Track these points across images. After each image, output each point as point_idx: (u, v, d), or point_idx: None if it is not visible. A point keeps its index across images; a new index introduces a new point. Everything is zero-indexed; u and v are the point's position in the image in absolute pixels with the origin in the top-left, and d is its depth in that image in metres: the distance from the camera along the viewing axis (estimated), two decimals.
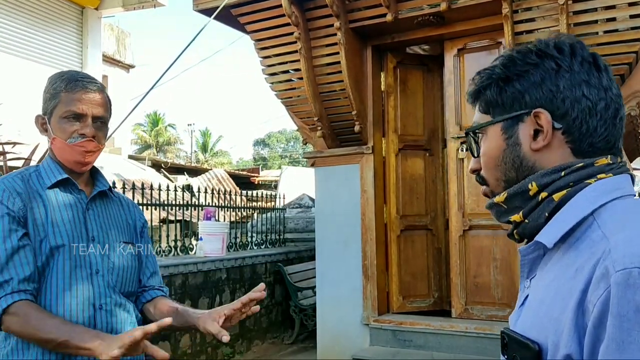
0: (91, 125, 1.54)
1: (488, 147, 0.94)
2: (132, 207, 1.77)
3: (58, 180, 1.56)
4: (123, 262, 1.61)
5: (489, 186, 0.97)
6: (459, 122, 4.90)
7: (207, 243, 5.71)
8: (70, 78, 1.56)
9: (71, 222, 1.54)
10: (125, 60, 13.35)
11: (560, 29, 4.05)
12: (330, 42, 4.76)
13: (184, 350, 5.20)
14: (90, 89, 1.56)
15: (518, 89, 0.90)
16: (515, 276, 4.55)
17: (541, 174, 0.87)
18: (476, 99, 0.98)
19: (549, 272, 0.84)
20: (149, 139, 33.81)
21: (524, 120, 0.90)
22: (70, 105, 1.53)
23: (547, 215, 0.86)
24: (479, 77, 0.96)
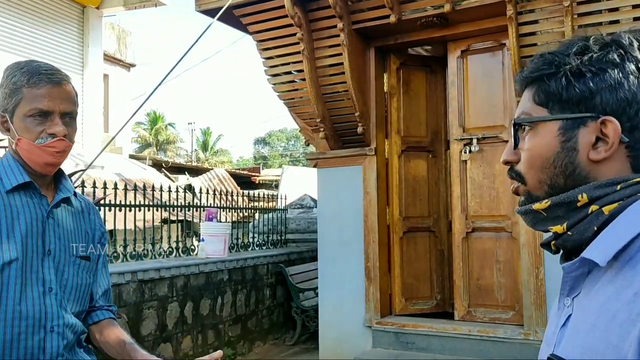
0: (60, 123, 1.39)
1: (537, 144, 0.83)
2: (92, 215, 1.61)
3: (20, 183, 1.40)
4: (78, 280, 1.47)
5: (525, 185, 0.86)
6: (462, 124, 4.88)
7: (208, 244, 5.69)
8: (32, 71, 1.39)
9: (28, 233, 1.39)
10: (126, 59, 13.32)
11: (565, 31, 4.03)
12: (333, 43, 4.74)
13: (186, 351, 5.18)
14: (55, 83, 1.40)
15: (590, 88, 0.79)
16: (518, 278, 4.54)
17: (594, 186, 0.78)
18: (530, 85, 0.86)
19: (600, 294, 0.75)
20: (149, 137, 33.79)
21: (587, 124, 0.79)
22: (36, 102, 1.37)
23: (595, 230, 0.77)
24: (542, 60, 0.85)
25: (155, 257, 5.35)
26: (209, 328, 5.52)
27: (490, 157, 4.75)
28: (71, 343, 1.44)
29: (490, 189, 4.75)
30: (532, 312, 4.34)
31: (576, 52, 0.81)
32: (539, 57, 0.86)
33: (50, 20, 9.60)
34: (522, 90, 0.89)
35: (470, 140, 4.81)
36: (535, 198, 0.85)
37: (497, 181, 4.72)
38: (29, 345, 1.36)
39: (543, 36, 4.22)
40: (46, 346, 1.37)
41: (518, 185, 0.87)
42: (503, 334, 4.41)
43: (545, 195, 0.83)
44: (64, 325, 1.41)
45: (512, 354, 4.34)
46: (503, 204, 4.69)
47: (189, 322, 5.24)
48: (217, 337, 5.63)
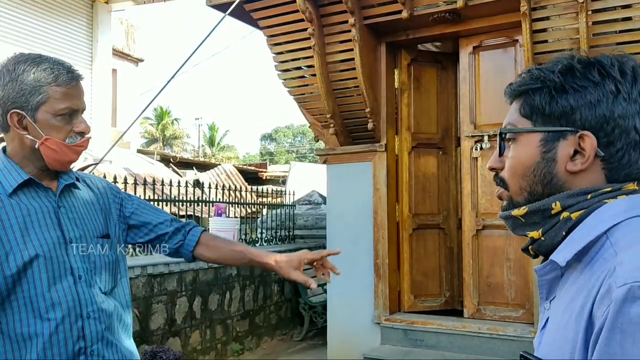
0: (84, 121, 1.41)
1: (520, 153, 0.90)
2: (103, 189, 1.59)
3: (20, 183, 1.38)
4: (104, 259, 1.48)
5: (508, 190, 0.92)
6: (474, 121, 4.85)
7: None
8: (55, 69, 1.37)
9: (43, 227, 1.38)
10: (134, 54, 13.34)
11: (579, 27, 3.99)
12: (345, 39, 4.72)
13: (194, 346, 5.19)
14: (78, 80, 1.41)
15: (570, 104, 0.85)
16: (529, 276, 4.52)
17: (567, 195, 0.84)
18: (517, 97, 0.92)
19: (567, 294, 0.82)
20: (155, 132, 33.87)
21: (567, 137, 0.85)
22: (67, 102, 1.36)
23: (564, 234, 0.84)
24: (529, 75, 0.91)
25: None
26: (217, 323, 5.53)
27: None
28: (109, 325, 1.46)
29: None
30: None
31: (561, 70, 0.87)
32: (527, 72, 0.92)
33: (60, 15, 9.62)
34: (511, 101, 0.95)
35: (481, 137, 4.78)
36: (516, 204, 0.90)
37: None
38: (69, 335, 1.37)
39: (556, 33, 4.17)
40: (85, 333, 1.39)
41: (502, 190, 0.93)
42: (513, 332, 4.38)
43: (524, 201, 0.89)
44: (99, 310, 1.43)
45: None
46: None
47: (197, 316, 5.25)
48: (225, 332, 5.64)
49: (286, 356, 5.81)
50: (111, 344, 1.45)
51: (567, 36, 4.10)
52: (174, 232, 1.66)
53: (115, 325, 1.49)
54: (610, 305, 0.70)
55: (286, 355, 5.86)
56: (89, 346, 1.39)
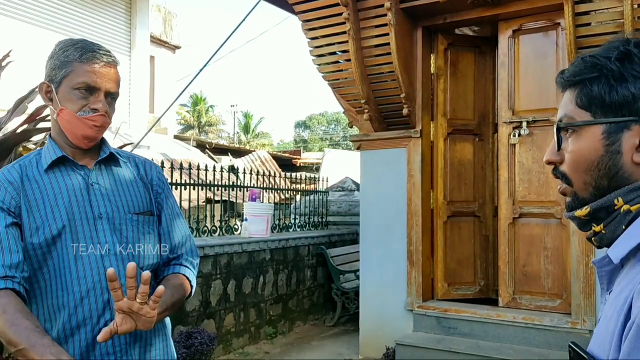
0: (104, 101, 1.44)
1: (582, 147, 0.86)
2: (148, 169, 1.61)
3: (54, 160, 1.45)
4: (139, 236, 1.49)
5: (572, 186, 0.88)
6: (512, 107, 4.74)
7: (251, 224, 5.75)
8: (85, 48, 1.44)
9: (72, 202, 1.43)
10: (172, 41, 13.51)
11: (624, 10, 3.85)
12: (380, 23, 4.66)
13: (228, 328, 5.28)
14: (106, 62, 1.45)
15: (632, 92, 0.81)
16: (567, 266, 4.42)
17: (629, 189, 0.81)
18: (571, 87, 0.88)
19: (617, 287, 0.81)
20: (191, 119, 34.32)
21: (631, 128, 0.82)
22: (84, 77, 1.42)
23: (624, 228, 0.82)
24: (583, 64, 0.86)
25: (199, 235, 5.45)
26: (250, 306, 5.60)
27: (540, 140, 4.61)
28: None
29: (540, 174, 4.62)
30: (581, 300, 4.22)
31: (617, 57, 0.83)
32: (581, 60, 0.87)
33: (99, 3, 9.79)
34: (563, 91, 0.91)
35: (519, 123, 4.67)
36: (581, 200, 0.87)
37: (547, 166, 4.55)
38: (94, 307, 1.41)
39: (600, 15, 4.03)
40: (112, 306, 1.41)
41: (565, 186, 0.90)
42: (549, 322, 4.31)
43: (590, 196, 0.86)
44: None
45: (557, 343, 4.25)
46: (553, 190, 4.55)
47: (231, 299, 5.33)
48: (258, 316, 5.71)
49: (318, 341, 5.86)
50: None
51: (611, 19, 3.95)
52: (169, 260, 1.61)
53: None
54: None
55: (318, 340, 5.91)
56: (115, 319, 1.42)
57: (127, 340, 1.44)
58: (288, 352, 5.42)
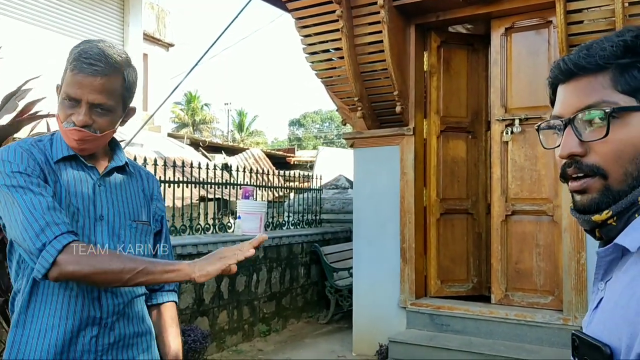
0: (85, 113, 1.39)
1: (628, 135, 0.79)
2: (151, 183, 1.64)
3: (65, 156, 1.46)
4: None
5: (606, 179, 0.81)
6: (504, 104, 4.76)
7: (245, 222, 5.75)
8: (77, 56, 1.40)
9: (78, 198, 1.44)
10: (165, 39, 13.45)
11: (615, 8, 3.87)
12: (373, 21, 4.66)
13: (222, 326, 5.28)
14: (89, 73, 1.37)
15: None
16: (559, 262, 4.44)
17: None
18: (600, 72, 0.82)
19: (626, 275, 0.78)
20: (185, 117, 34.23)
21: None
22: (69, 88, 1.40)
23: (636, 217, 0.78)
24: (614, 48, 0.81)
25: (193, 233, 5.44)
26: (244, 304, 5.60)
27: (532, 138, 4.63)
28: (130, 300, 1.49)
29: (532, 171, 4.64)
30: (572, 297, 4.25)
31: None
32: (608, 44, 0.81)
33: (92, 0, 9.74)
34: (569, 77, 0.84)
35: (512, 120, 4.69)
36: (615, 193, 0.80)
37: (540, 163, 4.60)
38: (86, 303, 1.41)
39: (592, 13, 4.05)
40: (102, 304, 1.43)
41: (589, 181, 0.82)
42: (541, 318, 4.33)
43: (627, 188, 0.80)
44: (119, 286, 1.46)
45: (549, 339, 4.27)
46: (545, 187, 4.58)
47: (225, 297, 5.33)
48: (252, 313, 5.71)
49: (312, 338, 5.86)
50: (130, 318, 1.49)
51: (603, 17, 3.97)
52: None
53: (138, 302, 1.53)
54: None
55: (312, 337, 5.91)
56: (104, 318, 1.43)
57: (110, 340, 1.44)
58: (281, 350, 5.42)
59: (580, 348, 0.82)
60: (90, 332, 1.41)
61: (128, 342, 1.49)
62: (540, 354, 4.14)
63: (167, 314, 1.65)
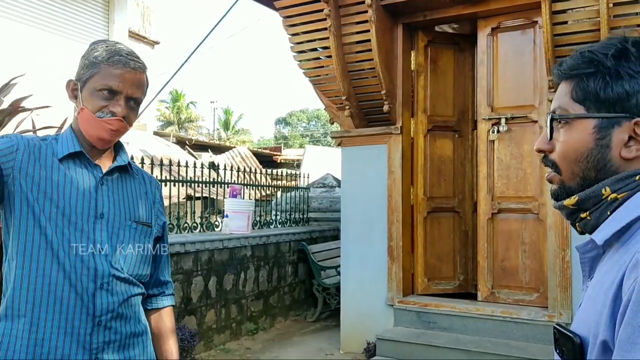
0: (124, 105, 1.46)
1: (572, 139, 0.88)
2: (154, 188, 1.66)
3: (71, 152, 1.47)
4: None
5: (560, 175, 0.91)
6: (491, 104, 4.81)
7: (232, 220, 5.74)
8: (114, 51, 1.47)
9: (78, 197, 1.45)
10: (151, 37, 13.34)
11: (600, 9, 3.92)
12: (361, 20, 4.68)
13: (209, 325, 5.27)
14: (132, 68, 1.47)
15: (626, 90, 0.84)
16: (544, 260, 4.50)
17: (616, 179, 0.84)
18: (567, 80, 0.91)
19: (601, 271, 0.84)
20: (171, 115, 33.99)
21: (622, 124, 0.84)
22: (108, 80, 1.44)
23: (608, 214, 0.84)
24: (581, 58, 0.89)
25: (180, 232, 5.42)
26: (232, 302, 5.59)
27: (518, 137, 4.68)
28: (125, 299, 1.49)
29: (518, 170, 4.69)
30: (557, 294, 4.31)
31: (614, 54, 0.85)
32: (579, 54, 0.89)
33: None
34: (558, 82, 0.93)
35: (498, 120, 4.74)
36: (568, 188, 0.90)
37: (525, 162, 4.66)
38: (79, 298, 1.41)
39: (576, 14, 4.11)
40: (96, 301, 1.43)
41: (553, 174, 0.92)
42: (527, 315, 4.38)
43: (577, 186, 0.89)
44: (114, 283, 1.46)
45: (535, 336, 4.33)
46: (530, 185, 4.63)
47: (212, 296, 5.32)
48: (239, 312, 5.70)
49: (299, 337, 5.87)
50: (126, 318, 1.49)
51: (587, 17, 4.03)
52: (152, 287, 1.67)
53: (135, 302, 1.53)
54: (637, 278, 0.71)
55: (299, 335, 5.92)
56: (98, 315, 1.42)
57: (106, 339, 1.44)
58: (269, 348, 5.42)
59: (559, 340, 0.87)
60: (85, 330, 1.41)
61: (124, 342, 1.48)
62: (526, 351, 4.19)
63: (165, 319, 1.68)
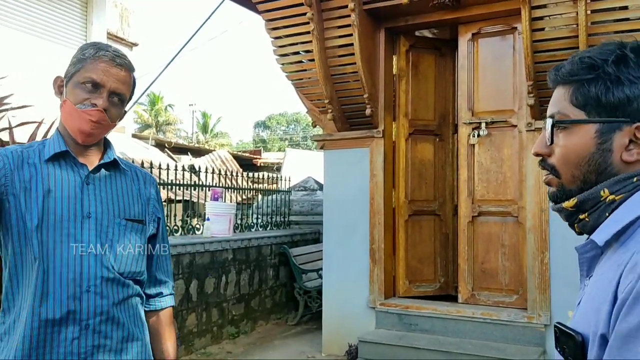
0: (106, 98, 1.45)
1: (574, 143, 0.89)
2: (148, 185, 1.63)
3: (56, 153, 1.46)
4: (125, 242, 1.49)
5: (559, 178, 0.92)
6: (471, 108, 4.87)
7: (214, 223, 5.71)
8: (101, 48, 1.48)
9: (65, 198, 1.44)
10: (129, 38, 13.20)
11: (579, 16, 4.01)
12: (344, 24, 4.71)
13: (190, 329, 5.23)
14: (118, 63, 1.47)
15: (627, 95, 0.85)
16: (523, 262, 4.57)
17: (614, 181, 0.86)
18: (566, 85, 0.91)
19: (600, 270, 0.85)
20: (148, 118, 33.65)
21: (622, 128, 0.86)
22: (92, 73, 1.44)
23: (607, 215, 0.86)
24: (580, 64, 0.89)
25: None
26: (213, 306, 5.56)
27: (498, 141, 4.75)
28: (118, 301, 1.46)
29: (498, 174, 4.76)
30: (536, 295, 4.38)
31: (614, 61, 0.86)
32: (578, 60, 0.90)
33: None
34: (554, 87, 0.94)
35: (478, 124, 4.80)
36: (567, 191, 0.91)
37: (505, 166, 4.73)
38: (64, 303, 1.39)
39: (555, 20, 4.19)
40: (82, 305, 1.40)
41: (551, 177, 0.93)
42: (506, 317, 4.44)
43: (577, 189, 0.90)
44: (102, 285, 1.43)
45: (514, 337, 4.39)
46: (510, 189, 4.71)
47: (193, 299, 5.28)
48: (221, 315, 5.67)
49: (281, 340, 5.86)
50: (118, 322, 1.46)
51: (565, 24, 4.12)
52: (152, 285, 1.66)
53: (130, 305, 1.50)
54: (634, 279, 0.72)
55: (281, 339, 5.91)
56: (85, 319, 1.40)
57: (95, 342, 1.42)
58: (251, 352, 5.40)
59: (560, 338, 0.87)
60: (72, 333, 1.39)
61: (116, 347, 1.46)
62: (506, 352, 4.25)
63: (165, 320, 1.67)
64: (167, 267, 1.70)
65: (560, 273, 4.27)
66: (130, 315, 1.50)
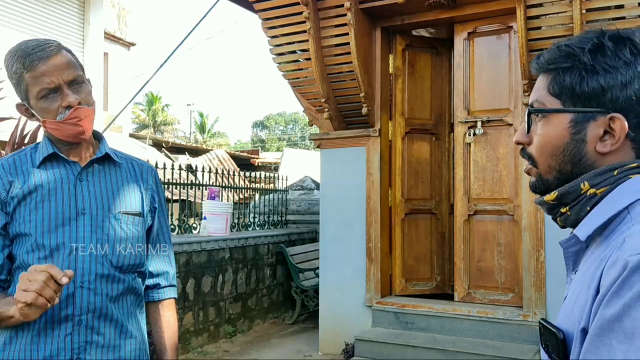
0: (71, 92, 1.40)
1: (549, 132, 0.89)
2: (146, 174, 1.60)
3: (45, 156, 1.46)
4: (121, 234, 1.47)
5: (537, 167, 0.92)
6: (467, 107, 4.89)
7: (211, 222, 5.72)
8: (23, 55, 1.39)
9: (59, 196, 1.44)
10: (126, 38, 13.22)
11: (574, 14, 4.03)
12: (340, 23, 4.72)
13: (187, 328, 5.23)
14: (48, 56, 1.39)
15: (601, 85, 0.84)
16: (519, 261, 4.59)
17: (594, 174, 0.84)
18: (545, 73, 0.91)
19: (584, 265, 0.85)
20: (146, 118, 33.63)
21: (597, 119, 0.85)
22: (39, 84, 1.38)
23: (588, 209, 0.85)
24: (558, 52, 0.88)
25: None
26: (210, 305, 5.56)
27: (494, 140, 4.76)
28: (113, 298, 1.46)
29: (494, 172, 4.78)
30: (532, 294, 4.39)
31: (591, 49, 0.85)
32: (556, 48, 0.89)
33: None
34: (537, 75, 0.93)
35: (474, 123, 4.82)
36: (545, 181, 0.91)
37: (501, 164, 4.74)
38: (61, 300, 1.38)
39: (550, 19, 4.21)
40: (75, 301, 1.40)
41: (530, 167, 0.93)
42: (502, 315, 4.46)
43: (554, 179, 0.90)
44: (96, 281, 1.43)
45: (510, 335, 4.40)
46: (506, 187, 4.72)
47: (190, 298, 5.28)
48: (217, 314, 5.68)
49: (278, 339, 5.87)
50: (112, 318, 1.45)
51: (561, 23, 4.13)
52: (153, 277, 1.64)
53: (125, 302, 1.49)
54: (614, 273, 0.72)
55: (278, 338, 5.91)
56: (77, 315, 1.40)
57: (88, 338, 1.41)
58: (247, 351, 5.41)
59: (544, 334, 0.88)
60: (65, 329, 1.39)
61: (110, 344, 1.44)
62: (502, 350, 4.26)
63: (163, 312, 1.63)
64: (168, 257, 1.66)
65: (556, 271, 4.29)
66: (126, 312, 1.49)
